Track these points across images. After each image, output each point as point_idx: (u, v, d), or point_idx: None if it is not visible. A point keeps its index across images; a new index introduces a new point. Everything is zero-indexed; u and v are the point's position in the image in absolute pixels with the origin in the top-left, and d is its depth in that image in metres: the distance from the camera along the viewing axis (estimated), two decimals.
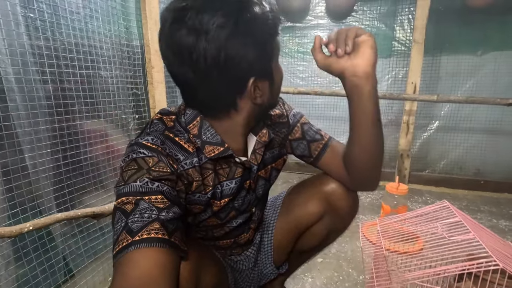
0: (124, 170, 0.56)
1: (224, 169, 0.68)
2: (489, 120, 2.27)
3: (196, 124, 0.64)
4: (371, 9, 2.44)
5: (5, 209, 0.89)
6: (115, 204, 0.54)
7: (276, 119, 0.79)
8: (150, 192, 0.53)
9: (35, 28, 0.97)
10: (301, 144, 0.81)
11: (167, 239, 0.50)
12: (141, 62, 1.41)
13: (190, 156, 0.62)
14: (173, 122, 0.65)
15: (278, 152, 0.81)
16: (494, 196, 2.22)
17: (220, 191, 0.68)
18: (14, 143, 0.91)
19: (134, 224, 0.49)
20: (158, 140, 0.60)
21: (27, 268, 0.95)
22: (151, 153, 0.57)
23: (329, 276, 1.30)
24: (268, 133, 0.74)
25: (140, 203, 0.51)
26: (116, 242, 0.49)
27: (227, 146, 0.65)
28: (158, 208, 0.51)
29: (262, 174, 0.78)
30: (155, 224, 0.49)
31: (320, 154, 0.80)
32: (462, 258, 0.75)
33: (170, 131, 0.63)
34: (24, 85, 0.92)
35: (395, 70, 2.45)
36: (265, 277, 0.92)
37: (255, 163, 0.73)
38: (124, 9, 1.33)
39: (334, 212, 0.84)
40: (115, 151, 1.28)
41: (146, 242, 0.47)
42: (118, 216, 0.51)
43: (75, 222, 1.09)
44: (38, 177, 0.98)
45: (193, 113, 0.65)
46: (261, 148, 0.74)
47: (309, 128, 0.82)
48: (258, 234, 0.89)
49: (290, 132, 0.81)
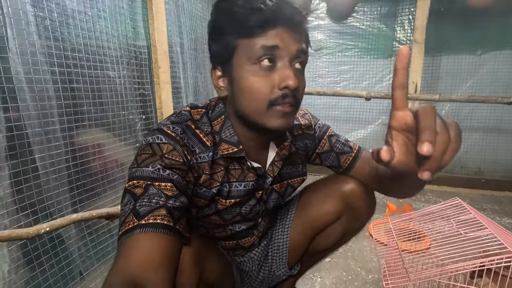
0: (139, 153, 0.57)
1: (236, 170, 0.68)
2: (489, 119, 2.30)
3: (220, 121, 0.66)
4: (371, 9, 2.46)
5: (16, 211, 0.87)
6: (125, 186, 0.55)
7: (304, 129, 0.79)
8: (160, 179, 0.54)
9: (45, 28, 0.96)
10: (330, 156, 0.82)
11: (172, 226, 0.51)
12: (148, 62, 1.40)
13: (206, 150, 0.63)
14: (200, 115, 0.66)
15: (299, 170, 0.81)
16: (495, 194, 2.24)
17: (227, 190, 0.68)
18: (25, 143, 0.90)
19: (142, 208, 0.50)
20: (179, 129, 0.61)
21: (38, 271, 0.93)
22: (168, 140, 0.58)
23: (338, 276, 1.30)
24: (290, 146, 0.74)
25: (149, 188, 0.52)
26: (123, 224, 0.50)
27: (241, 147, 0.66)
28: (167, 195, 0.52)
29: (277, 188, 0.77)
30: (162, 210, 0.50)
31: (350, 166, 0.80)
32: (479, 255, 0.76)
33: (194, 123, 0.64)
34: (35, 84, 0.91)
35: None
36: (277, 278, 0.92)
37: (271, 174, 0.73)
38: (131, 9, 1.33)
39: (351, 212, 0.83)
40: (123, 152, 1.26)
41: (151, 227, 0.48)
42: (127, 199, 0.52)
43: (84, 224, 1.07)
44: (48, 178, 0.96)
45: (220, 111, 0.67)
46: (280, 161, 0.73)
47: (336, 140, 0.82)
48: (264, 240, 0.88)
49: (317, 146, 0.82)
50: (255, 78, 0.58)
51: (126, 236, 0.48)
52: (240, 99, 0.61)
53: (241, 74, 0.59)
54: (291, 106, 0.60)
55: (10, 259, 0.88)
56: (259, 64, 0.57)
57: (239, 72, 0.59)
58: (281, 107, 0.59)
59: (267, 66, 0.57)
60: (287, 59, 0.58)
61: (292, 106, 0.60)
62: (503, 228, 0.88)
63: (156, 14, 1.33)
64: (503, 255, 0.68)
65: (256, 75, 0.58)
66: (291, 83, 0.57)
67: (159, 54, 1.36)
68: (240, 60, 0.59)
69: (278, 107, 0.59)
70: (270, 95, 0.58)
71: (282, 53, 0.57)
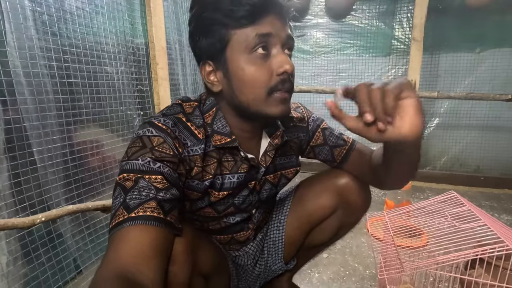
0: (129, 147, 0.57)
1: (229, 162, 0.68)
2: (488, 116, 2.30)
3: (211, 113, 0.66)
4: (370, 8, 2.47)
5: (13, 203, 0.88)
6: (116, 179, 0.55)
7: (296, 122, 0.80)
8: (150, 172, 0.54)
9: (43, 23, 0.97)
10: (323, 149, 0.82)
11: (162, 218, 0.51)
12: (146, 58, 1.41)
13: (198, 143, 0.63)
14: (193, 108, 0.66)
15: (292, 160, 0.81)
16: (494, 192, 2.24)
17: (220, 183, 0.68)
18: (23, 136, 0.90)
19: (132, 201, 0.50)
20: (170, 121, 0.61)
21: (36, 264, 0.94)
22: (158, 133, 0.58)
23: (336, 271, 1.30)
24: (282, 135, 0.74)
25: (139, 181, 0.52)
26: (113, 217, 0.50)
27: (234, 138, 0.66)
28: (157, 188, 0.52)
29: (270, 178, 0.77)
30: (151, 202, 0.50)
31: (344, 159, 0.80)
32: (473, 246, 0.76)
33: (185, 115, 0.64)
34: (32, 78, 0.92)
35: (394, 68, 2.48)
36: (273, 273, 0.92)
37: (264, 164, 0.73)
38: (129, 6, 1.34)
39: (347, 206, 0.83)
40: (120, 147, 1.27)
41: (141, 220, 0.48)
42: (117, 192, 0.53)
43: (82, 218, 1.08)
44: (46, 172, 0.97)
45: (211, 104, 0.67)
46: (272, 150, 0.74)
47: (330, 133, 0.82)
48: (260, 234, 0.88)
49: (311, 139, 0.82)
50: (253, 67, 0.58)
51: (116, 230, 0.48)
52: (239, 90, 0.61)
53: (238, 65, 0.59)
54: (288, 92, 0.62)
55: (8, 251, 0.89)
56: (255, 53, 0.58)
57: (235, 63, 0.59)
58: (280, 93, 0.60)
59: (262, 54, 0.58)
60: (279, 45, 0.59)
61: (288, 91, 0.62)
62: (496, 220, 0.88)
63: (154, 10, 1.34)
64: (496, 245, 0.68)
65: (253, 64, 0.58)
66: (288, 67, 0.58)
67: (157, 50, 1.37)
68: (235, 51, 0.59)
69: (277, 93, 0.60)
70: (269, 82, 0.59)
71: (274, 40, 0.59)
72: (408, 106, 0.46)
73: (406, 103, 0.46)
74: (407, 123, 0.47)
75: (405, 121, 0.47)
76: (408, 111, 0.46)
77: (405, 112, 0.47)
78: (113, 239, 0.47)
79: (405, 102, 0.47)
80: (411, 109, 0.46)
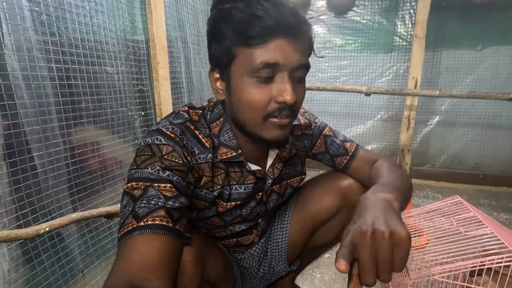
0: (138, 155, 0.57)
1: (236, 173, 0.68)
2: (488, 114, 2.29)
3: (218, 124, 0.66)
4: (372, 3, 2.43)
5: (14, 209, 0.87)
6: (124, 188, 0.54)
7: (303, 130, 0.79)
8: (159, 180, 0.53)
9: (41, 23, 0.94)
10: (325, 157, 0.82)
11: (171, 226, 0.51)
12: (146, 57, 1.38)
13: (206, 151, 0.63)
14: (199, 116, 0.66)
15: (298, 169, 0.81)
16: (493, 190, 2.25)
17: (228, 193, 0.68)
18: (23, 141, 0.88)
19: (141, 210, 0.50)
20: (178, 129, 0.60)
21: (38, 270, 0.93)
22: (167, 142, 0.58)
23: (337, 272, 1.31)
24: (290, 149, 0.74)
25: (148, 190, 0.52)
26: (122, 226, 0.50)
27: (240, 152, 0.65)
28: (166, 196, 0.52)
29: (277, 189, 0.77)
30: (160, 211, 0.50)
31: (346, 166, 0.81)
32: (479, 254, 0.76)
33: (193, 123, 0.63)
34: (32, 81, 0.89)
35: (396, 65, 2.46)
36: (276, 275, 0.92)
37: (271, 176, 0.72)
38: (129, 3, 1.30)
39: (350, 207, 0.83)
40: (121, 149, 1.25)
41: (150, 228, 0.48)
42: (126, 201, 0.52)
43: (84, 222, 1.07)
44: (46, 176, 0.95)
45: (219, 113, 0.66)
46: (280, 163, 0.73)
47: (332, 141, 0.81)
48: (264, 236, 0.88)
49: (313, 146, 0.81)
50: (253, 90, 0.56)
51: (125, 238, 0.48)
52: (237, 107, 0.60)
53: (239, 84, 0.57)
54: (288, 117, 0.60)
55: (10, 258, 0.87)
56: (258, 77, 0.56)
57: (237, 81, 0.58)
58: (277, 119, 0.59)
59: (265, 78, 0.56)
60: (286, 72, 0.56)
61: (288, 117, 0.60)
62: (503, 226, 0.88)
63: (155, 8, 1.30)
64: (503, 255, 0.68)
65: (254, 87, 0.56)
66: (288, 98, 0.55)
67: (157, 49, 1.34)
68: (239, 69, 0.57)
69: (274, 119, 0.58)
70: (266, 108, 0.58)
71: (282, 68, 0.56)
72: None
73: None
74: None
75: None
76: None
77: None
78: (122, 248, 0.47)
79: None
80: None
